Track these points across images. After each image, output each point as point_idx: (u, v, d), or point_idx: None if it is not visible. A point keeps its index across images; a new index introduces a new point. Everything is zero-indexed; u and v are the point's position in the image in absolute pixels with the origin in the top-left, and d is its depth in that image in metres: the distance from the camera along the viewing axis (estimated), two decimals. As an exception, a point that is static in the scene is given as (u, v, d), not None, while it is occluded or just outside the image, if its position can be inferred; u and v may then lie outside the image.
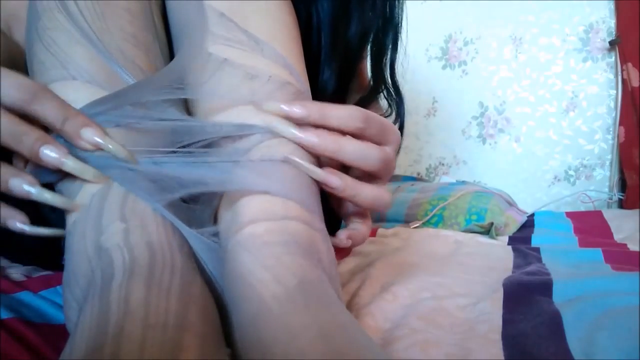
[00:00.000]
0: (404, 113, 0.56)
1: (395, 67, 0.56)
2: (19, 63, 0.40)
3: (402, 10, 0.55)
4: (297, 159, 0.34)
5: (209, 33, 0.36)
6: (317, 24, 0.49)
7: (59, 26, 0.34)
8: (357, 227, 0.40)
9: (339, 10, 0.49)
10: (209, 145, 0.34)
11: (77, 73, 0.33)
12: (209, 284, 0.31)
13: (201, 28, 0.36)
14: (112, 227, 0.29)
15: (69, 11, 0.34)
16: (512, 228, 0.89)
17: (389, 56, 0.56)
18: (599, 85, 1.38)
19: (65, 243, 0.32)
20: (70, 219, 0.32)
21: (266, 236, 0.30)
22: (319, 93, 0.48)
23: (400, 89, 0.56)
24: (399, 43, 0.56)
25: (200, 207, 0.33)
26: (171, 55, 0.41)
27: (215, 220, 0.34)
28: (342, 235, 0.38)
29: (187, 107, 0.38)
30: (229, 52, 0.36)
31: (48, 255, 0.53)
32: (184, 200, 0.33)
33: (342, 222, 0.42)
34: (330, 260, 0.34)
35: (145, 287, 0.25)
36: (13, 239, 0.51)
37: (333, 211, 0.41)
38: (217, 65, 0.35)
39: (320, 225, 0.34)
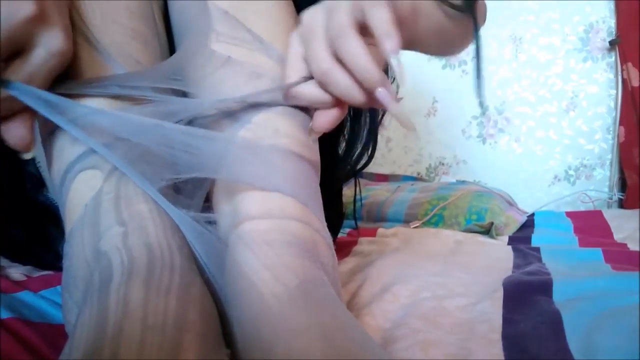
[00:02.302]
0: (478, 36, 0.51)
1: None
2: None
3: None
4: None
5: (214, 31, 0.36)
6: None
7: None
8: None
9: None
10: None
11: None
12: (208, 283, 0.31)
13: (204, 26, 0.36)
14: (111, 232, 0.29)
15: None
16: (512, 228, 0.89)
17: None
18: (599, 85, 1.38)
19: (63, 249, 0.32)
20: (68, 227, 0.32)
21: (267, 235, 0.30)
22: None
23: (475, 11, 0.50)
24: None
25: (185, 195, 0.33)
26: (172, 54, 0.41)
27: (205, 210, 0.34)
28: None
29: None
30: (234, 50, 0.35)
31: (46, 257, 0.53)
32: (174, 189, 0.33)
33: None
34: (331, 260, 0.34)
35: (144, 288, 0.25)
36: (12, 239, 0.52)
37: (333, 210, 0.41)
38: (220, 62, 0.35)
39: (320, 224, 0.34)
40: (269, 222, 0.31)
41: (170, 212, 0.31)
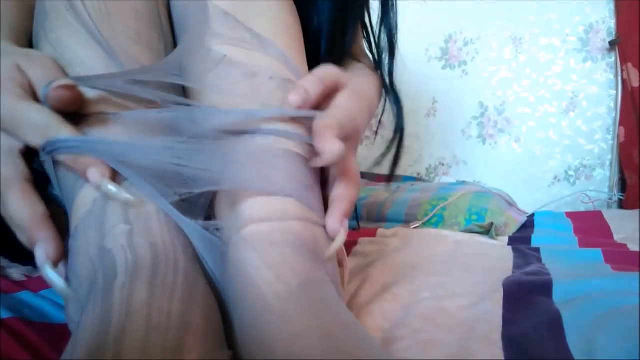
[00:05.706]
0: (402, 117, 0.56)
1: (394, 72, 0.56)
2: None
3: (396, 17, 0.56)
4: None
5: (213, 34, 0.36)
6: (317, 29, 0.49)
7: (66, 25, 0.34)
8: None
9: (337, 17, 0.50)
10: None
11: (83, 72, 0.33)
12: (212, 284, 0.31)
13: (201, 25, 0.36)
14: (116, 230, 0.29)
15: (76, 10, 0.34)
16: (512, 228, 0.89)
17: (386, 62, 0.56)
18: (599, 86, 1.38)
19: (68, 246, 0.32)
20: (73, 223, 0.32)
21: (269, 236, 0.30)
22: None
23: (399, 94, 0.56)
24: (396, 49, 0.56)
25: (189, 204, 0.33)
26: None
27: (209, 218, 0.34)
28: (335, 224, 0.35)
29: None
30: (232, 50, 0.36)
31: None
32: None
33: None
34: (331, 260, 0.34)
35: (148, 288, 0.25)
36: (12, 239, 0.52)
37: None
38: (216, 61, 0.35)
39: (321, 223, 0.34)
40: (271, 224, 0.31)
41: (181, 223, 0.31)
